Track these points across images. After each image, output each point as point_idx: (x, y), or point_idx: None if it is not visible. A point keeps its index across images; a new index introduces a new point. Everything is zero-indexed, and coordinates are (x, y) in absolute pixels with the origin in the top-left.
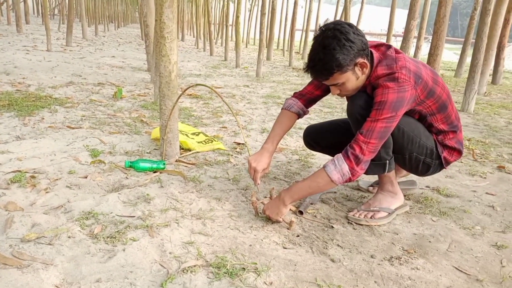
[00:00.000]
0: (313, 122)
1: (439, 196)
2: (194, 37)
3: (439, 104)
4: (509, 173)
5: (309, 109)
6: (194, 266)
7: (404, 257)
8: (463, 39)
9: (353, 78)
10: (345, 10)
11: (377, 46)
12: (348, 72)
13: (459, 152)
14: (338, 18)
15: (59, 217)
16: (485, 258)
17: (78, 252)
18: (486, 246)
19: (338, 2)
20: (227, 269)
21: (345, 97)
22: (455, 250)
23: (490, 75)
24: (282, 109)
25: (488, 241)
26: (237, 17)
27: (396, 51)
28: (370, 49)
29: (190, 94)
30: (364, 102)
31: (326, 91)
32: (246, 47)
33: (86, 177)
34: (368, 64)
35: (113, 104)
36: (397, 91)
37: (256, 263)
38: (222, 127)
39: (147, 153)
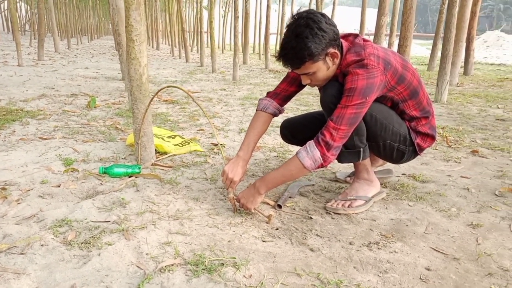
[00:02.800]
0: None
1: (415, 182)
2: (169, 45)
3: (410, 90)
4: (483, 157)
5: (285, 107)
6: (172, 265)
7: (382, 242)
8: (433, 35)
9: (324, 68)
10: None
11: (345, 36)
12: (319, 61)
13: (433, 138)
14: None
15: (31, 226)
16: (461, 237)
17: (52, 259)
18: (462, 226)
19: (309, 4)
20: (205, 265)
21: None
22: (432, 232)
23: (461, 66)
24: (257, 110)
25: (464, 221)
26: (211, 22)
27: (364, 40)
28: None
29: (166, 100)
30: (336, 91)
31: (301, 85)
32: (222, 52)
33: (59, 186)
34: (339, 54)
35: (87, 113)
36: (367, 77)
37: (235, 258)
38: (199, 130)
39: (122, 158)
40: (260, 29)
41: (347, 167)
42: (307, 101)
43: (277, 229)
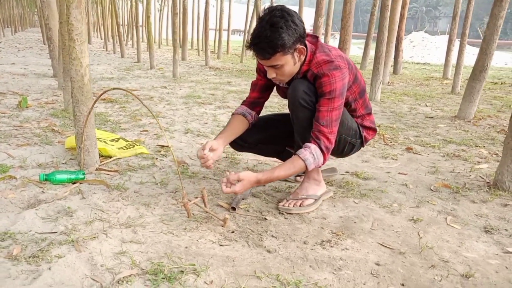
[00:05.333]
0: None
1: (358, 180)
2: (102, 39)
3: (361, 89)
4: (417, 154)
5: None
6: (129, 276)
7: (334, 240)
8: (365, 34)
9: (292, 63)
10: (256, 9)
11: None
12: (288, 54)
13: (375, 130)
14: (249, 17)
15: None
16: (405, 232)
17: None
18: (404, 221)
19: (248, 1)
20: (164, 274)
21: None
22: (378, 227)
23: (391, 66)
24: (236, 114)
25: (405, 216)
26: (148, 17)
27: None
28: None
29: (104, 99)
30: (306, 87)
31: (267, 89)
32: (159, 47)
33: None
34: (305, 51)
35: (18, 114)
36: (342, 79)
37: (194, 264)
38: (143, 131)
39: (63, 163)
40: (198, 25)
41: None
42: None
43: (233, 232)
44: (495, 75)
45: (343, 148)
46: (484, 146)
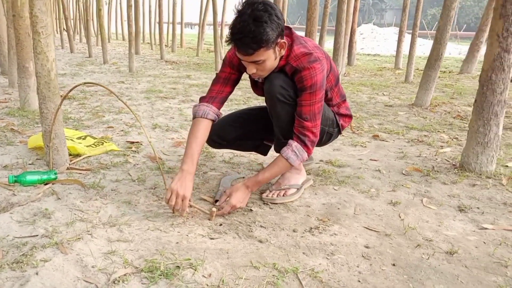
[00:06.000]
0: None
1: (334, 168)
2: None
3: (335, 77)
4: (383, 140)
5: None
6: (125, 275)
7: (321, 226)
8: (319, 27)
9: (273, 57)
10: (213, 1)
11: None
12: (271, 49)
13: (350, 117)
14: (202, 10)
15: None
16: (386, 215)
17: None
18: (384, 204)
19: None
20: (161, 271)
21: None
22: (361, 212)
23: (346, 57)
24: (195, 117)
25: (384, 200)
26: (99, 10)
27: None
28: None
29: (60, 96)
30: (283, 81)
31: (234, 85)
32: (109, 42)
33: None
34: (286, 45)
35: None
36: (321, 70)
37: (190, 259)
38: (108, 127)
39: (30, 164)
40: (150, 18)
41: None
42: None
43: (220, 225)
44: (442, 65)
45: (321, 138)
46: (444, 131)
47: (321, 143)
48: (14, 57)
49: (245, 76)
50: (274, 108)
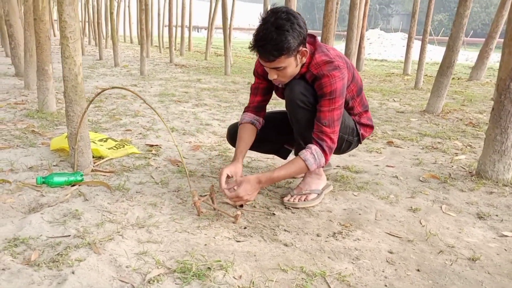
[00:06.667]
0: (234, 121)
1: (351, 173)
2: (55, 36)
3: (358, 87)
4: (398, 147)
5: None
6: (158, 275)
7: (344, 231)
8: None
9: (294, 65)
10: (223, 5)
11: None
12: (292, 57)
13: (372, 127)
14: (211, 13)
15: None
16: (407, 221)
17: (20, 284)
18: (404, 211)
19: None
20: (193, 272)
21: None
22: (382, 218)
23: (354, 63)
24: (244, 123)
25: (404, 206)
26: (111, 13)
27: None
28: None
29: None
30: (304, 88)
31: (265, 93)
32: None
33: None
34: (307, 53)
35: None
36: (341, 79)
37: (220, 260)
38: (126, 130)
39: (54, 166)
40: (158, 22)
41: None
42: (226, 97)
43: (245, 228)
44: None
45: (340, 146)
46: (457, 138)
47: (340, 151)
48: (31, 59)
49: None
50: (294, 113)
